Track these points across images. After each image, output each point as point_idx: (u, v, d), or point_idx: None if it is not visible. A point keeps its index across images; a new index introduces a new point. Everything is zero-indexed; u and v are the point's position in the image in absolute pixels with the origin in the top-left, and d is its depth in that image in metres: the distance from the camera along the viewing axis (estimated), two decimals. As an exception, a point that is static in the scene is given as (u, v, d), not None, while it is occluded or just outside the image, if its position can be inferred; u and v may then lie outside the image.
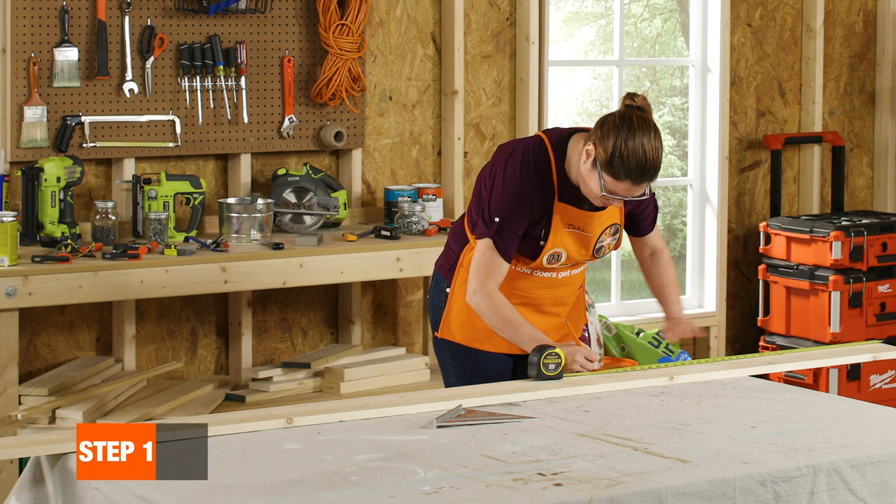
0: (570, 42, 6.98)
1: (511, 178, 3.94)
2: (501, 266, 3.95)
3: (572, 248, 4.02)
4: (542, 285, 4.09)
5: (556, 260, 4.03)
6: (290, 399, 5.48)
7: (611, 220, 4.07)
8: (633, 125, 3.79)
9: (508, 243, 3.93)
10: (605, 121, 3.83)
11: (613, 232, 4.09)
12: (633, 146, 3.77)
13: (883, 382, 6.61)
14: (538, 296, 4.10)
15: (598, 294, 6.80)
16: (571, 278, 4.15)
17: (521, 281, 4.07)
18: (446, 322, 4.13)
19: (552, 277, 4.09)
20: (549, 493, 2.98)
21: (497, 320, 3.94)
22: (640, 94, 3.92)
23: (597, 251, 4.08)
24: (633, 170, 3.78)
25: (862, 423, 3.59)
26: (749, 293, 7.06)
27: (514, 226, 3.93)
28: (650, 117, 3.85)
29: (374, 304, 6.07)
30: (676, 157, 7.14)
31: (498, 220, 3.92)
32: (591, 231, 4.03)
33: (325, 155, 5.96)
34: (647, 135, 3.79)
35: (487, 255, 3.94)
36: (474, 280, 3.95)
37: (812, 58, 7.10)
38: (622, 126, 3.79)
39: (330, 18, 5.75)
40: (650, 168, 3.79)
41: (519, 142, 4.02)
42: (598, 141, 3.82)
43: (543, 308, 4.12)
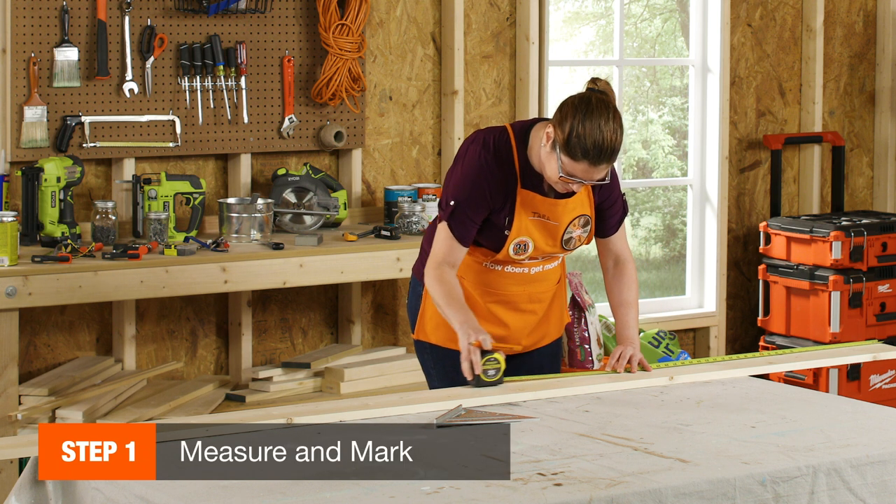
0: (570, 42, 6.98)
1: (470, 164, 3.94)
2: (456, 249, 3.94)
3: (539, 238, 3.99)
4: (514, 282, 4.07)
5: (522, 250, 3.99)
6: (290, 399, 5.48)
7: (579, 210, 4.01)
8: (592, 106, 3.76)
9: (464, 227, 3.92)
10: (565, 103, 3.82)
11: (583, 224, 4.03)
12: (591, 127, 3.74)
13: (883, 382, 6.61)
14: (512, 292, 4.08)
15: (598, 294, 6.80)
16: (545, 273, 4.11)
17: (493, 277, 4.05)
18: (421, 323, 4.12)
19: (524, 273, 4.07)
20: (549, 493, 2.98)
21: (438, 293, 3.92)
22: (603, 78, 3.90)
23: (566, 242, 4.02)
24: (590, 150, 3.74)
25: (862, 423, 3.59)
26: (749, 293, 7.06)
27: (470, 211, 3.91)
28: (611, 101, 3.82)
29: (374, 304, 6.07)
30: (676, 157, 7.15)
31: (453, 204, 3.92)
32: (556, 220, 3.98)
33: (325, 155, 5.97)
34: (605, 116, 3.75)
35: (443, 237, 3.95)
36: (429, 261, 3.96)
37: (812, 58, 7.10)
38: (580, 107, 3.77)
39: (330, 18, 5.75)
40: (607, 149, 3.75)
41: (482, 131, 4.02)
42: (556, 123, 3.80)
43: (519, 305, 4.10)
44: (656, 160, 7.17)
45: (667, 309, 6.88)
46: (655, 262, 7.14)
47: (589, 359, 5.82)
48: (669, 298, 6.95)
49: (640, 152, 7.10)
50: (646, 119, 7.13)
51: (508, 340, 4.12)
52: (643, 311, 6.70)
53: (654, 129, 7.16)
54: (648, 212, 7.12)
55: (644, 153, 7.12)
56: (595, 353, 5.84)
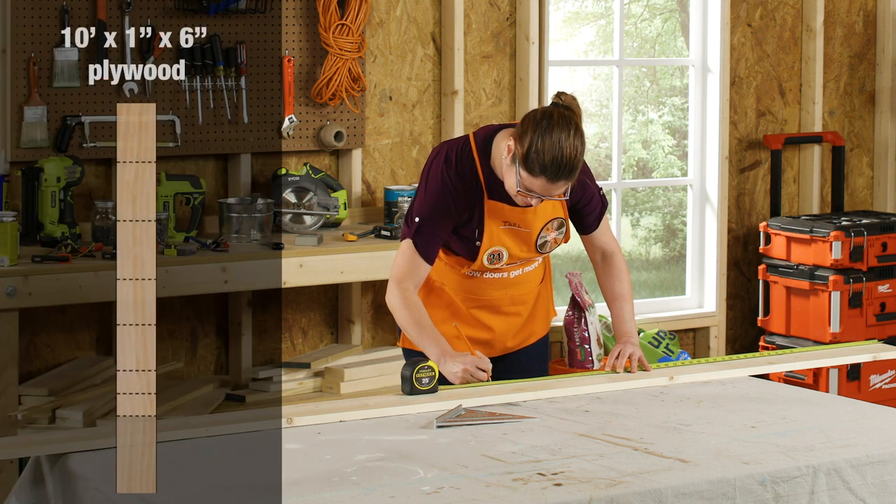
0: (570, 42, 6.97)
1: (433, 181, 3.91)
2: (420, 266, 3.92)
3: (512, 246, 3.98)
4: (495, 286, 4.07)
5: (497, 259, 3.99)
6: (290, 399, 5.48)
7: (552, 214, 4.00)
8: (553, 121, 3.73)
9: (428, 244, 3.90)
10: (527, 117, 3.80)
11: (558, 226, 4.02)
12: (550, 142, 3.70)
13: (883, 382, 6.61)
14: (493, 297, 4.07)
15: (597, 294, 6.79)
16: (526, 276, 4.10)
17: (473, 283, 4.05)
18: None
19: (504, 278, 4.06)
20: (549, 493, 2.98)
21: (405, 318, 3.90)
22: (569, 93, 3.86)
23: (540, 246, 4.01)
24: (548, 166, 3.71)
25: (862, 423, 3.59)
26: (749, 293, 7.06)
27: (435, 227, 3.90)
28: (575, 116, 3.78)
29: (374, 304, 6.07)
30: (676, 157, 7.15)
31: (418, 221, 3.91)
32: (528, 227, 3.97)
33: (325, 155, 5.97)
34: (566, 132, 3.72)
35: (408, 255, 3.92)
36: (392, 279, 3.93)
37: (812, 58, 7.10)
38: (541, 122, 3.74)
39: (330, 18, 5.75)
40: (566, 166, 3.71)
41: (445, 143, 3.99)
42: (517, 137, 3.78)
43: (501, 309, 4.09)
44: (656, 160, 7.17)
45: (667, 309, 6.88)
46: (655, 262, 7.14)
47: (589, 359, 5.82)
48: (669, 298, 6.95)
49: (640, 152, 7.10)
50: (646, 119, 7.13)
51: (493, 343, 4.12)
52: (643, 311, 6.72)
53: (654, 129, 7.16)
54: (648, 212, 7.12)
55: (644, 153, 7.12)
56: (595, 353, 5.84)
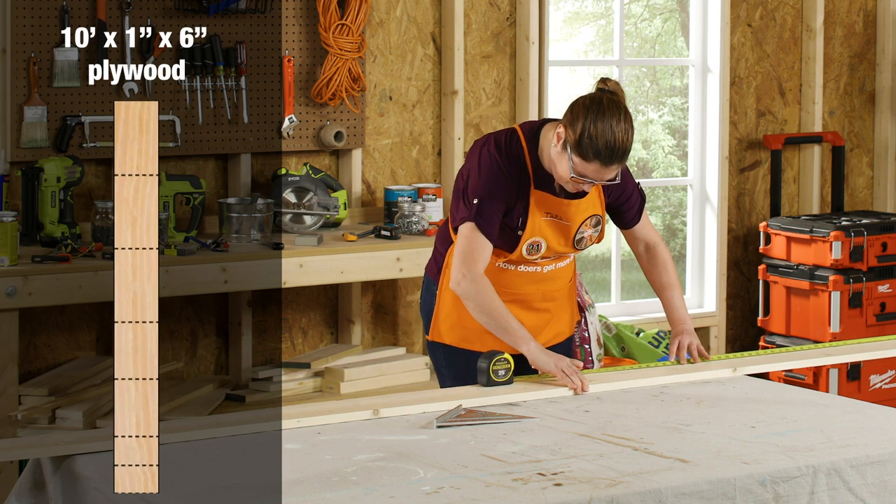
0: (570, 42, 6.98)
1: (485, 163, 3.93)
2: (485, 246, 3.92)
3: (551, 238, 4.00)
4: (527, 280, 4.08)
5: (535, 250, 4.00)
6: (290, 399, 5.48)
7: (591, 210, 4.03)
8: (603, 107, 3.78)
9: (490, 222, 3.90)
10: (576, 103, 3.83)
11: (595, 223, 4.06)
12: (602, 127, 3.75)
13: (883, 382, 6.61)
14: (525, 291, 4.08)
15: (598, 294, 6.80)
16: (557, 272, 4.13)
17: (506, 276, 4.05)
18: (436, 324, 4.12)
19: (537, 272, 4.08)
20: (549, 493, 2.98)
21: (481, 306, 3.89)
22: (614, 79, 3.91)
23: (577, 242, 4.04)
24: (602, 150, 3.76)
25: (862, 423, 3.59)
26: (749, 293, 7.06)
27: (493, 205, 3.90)
28: (622, 101, 3.84)
29: (374, 304, 6.07)
30: (676, 157, 7.15)
31: (477, 202, 3.91)
32: (569, 220, 4.00)
33: (325, 155, 5.97)
34: (617, 116, 3.77)
35: (471, 237, 3.91)
36: (459, 266, 3.91)
37: (812, 58, 7.10)
38: (591, 107, 3.78)
39: (330, 18, 5.75)
40: (619, 149, 3.77)
41: (491, 134, 4.03)
42: (567, 123, 3.81)
43: (532, 304, 4.10)
44: (656, 160, 7.17)
45: (667, 309, 6.87)
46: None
47: (589, 359, 5.82)
48: (669, 298, 6.94)
49: (640, 152, 7.10)
50: (646, 119, 7.13)
51: None
52: (643, 310, 6.73)
53: (654, 129, 7.16)
54: (649, 212, 7.12)
55: (644, 153, 7.12)
56: (595, 353, 5.84)
